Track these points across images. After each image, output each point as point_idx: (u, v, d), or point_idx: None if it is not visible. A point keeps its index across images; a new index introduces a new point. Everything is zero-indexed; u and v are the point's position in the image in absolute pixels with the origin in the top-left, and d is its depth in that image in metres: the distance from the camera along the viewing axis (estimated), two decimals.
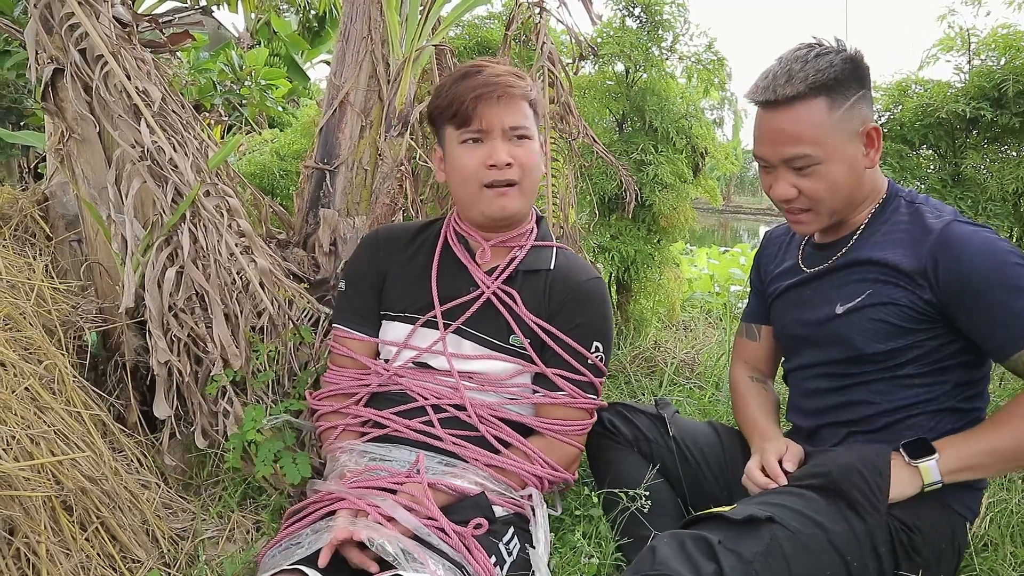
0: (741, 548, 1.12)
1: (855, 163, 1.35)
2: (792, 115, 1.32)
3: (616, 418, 1.62)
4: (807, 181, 1.35)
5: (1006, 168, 2.54)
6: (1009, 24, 2.59)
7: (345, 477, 1.41)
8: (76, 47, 1.74)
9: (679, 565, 1.08)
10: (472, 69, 1.47)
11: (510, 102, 1.43)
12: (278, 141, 3.66)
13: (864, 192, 1.40)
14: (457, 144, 1.46)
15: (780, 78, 1.33)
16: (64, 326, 1.76)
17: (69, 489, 1.33)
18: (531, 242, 1.54)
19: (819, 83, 1.30)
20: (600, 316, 1.53)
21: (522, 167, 1.46)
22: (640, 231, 2.89)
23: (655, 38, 2.96)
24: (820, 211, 1.39)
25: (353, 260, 1.66)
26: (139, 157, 1.73)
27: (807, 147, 1.32)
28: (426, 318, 1.52)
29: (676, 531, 1.18)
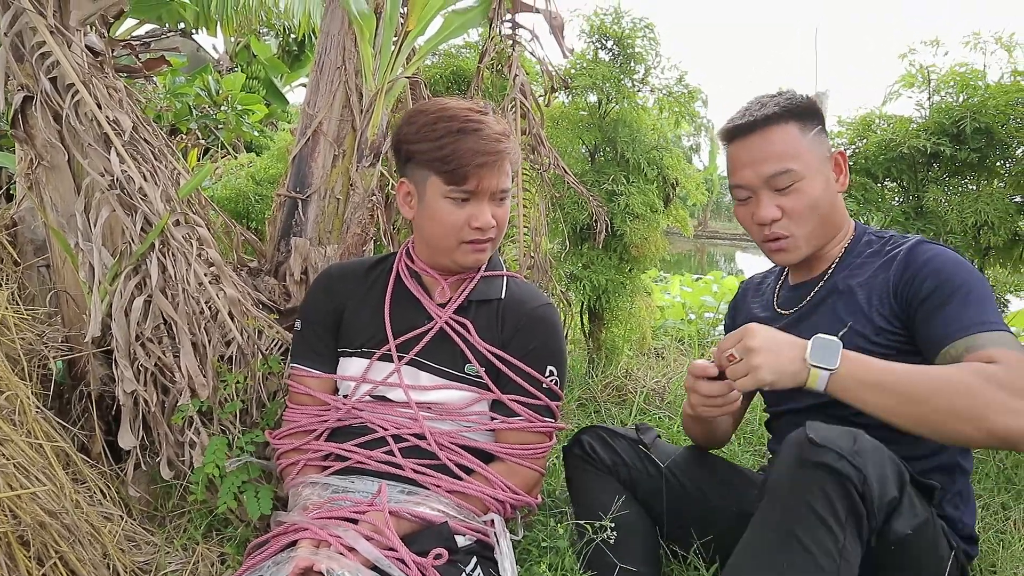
0: None
1: (830, 185, 1.43)
2: (769, 136, 1.42)
3: (596, 442, 1.62)
4: (789, 199, 1.41)
5: (966, 201, 2.61)
6: (966, 63, 2.69)
7: (308, 509, 1.41)
8: (47, 75, 1.74)
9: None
10: (468, 125, 1.42)
11: (503, 167, 1.45)
12: (254, 165, 3.66)
13: (837, 220, 1.45)
14: (441, 197, 1.45)
15: (753, 106, 1.45)
16: (28, 355, 1.74)
17: (26, 523, 1.31)
18: (481, 272, 1.57)
19: (790, 108, 1.42)
20: (552, 340, 1.56)
21: (500, 226, 1.49)
22: (611, 260, 2.92)
23: (627, 70, 3.01)
24: (800, 234, 1.42)
25: (308, 299, 1.67)
26: (108, 186, 1.73)
27: (789, 161, 1.40)
28: (382, 352, 1.53)
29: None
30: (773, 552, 1.10)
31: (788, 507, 1.11)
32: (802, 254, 1.44)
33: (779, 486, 1.14)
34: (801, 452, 1.12)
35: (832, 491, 1.08)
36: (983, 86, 2.62)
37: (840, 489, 1.08)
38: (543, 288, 2.40)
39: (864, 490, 1.08)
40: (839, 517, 1.08)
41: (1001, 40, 2.67)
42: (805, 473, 1.10)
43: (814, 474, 1.09)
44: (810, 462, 1.10)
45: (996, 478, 1.97)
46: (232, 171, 3.79)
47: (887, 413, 1.13)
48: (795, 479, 1.11)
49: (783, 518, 1.11)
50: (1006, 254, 2.76)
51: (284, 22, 7.59)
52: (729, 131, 1.47)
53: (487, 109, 1.51)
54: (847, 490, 1.08)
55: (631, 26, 2.95)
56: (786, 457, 1.14)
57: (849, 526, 1.08)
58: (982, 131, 2.55)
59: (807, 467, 1.10)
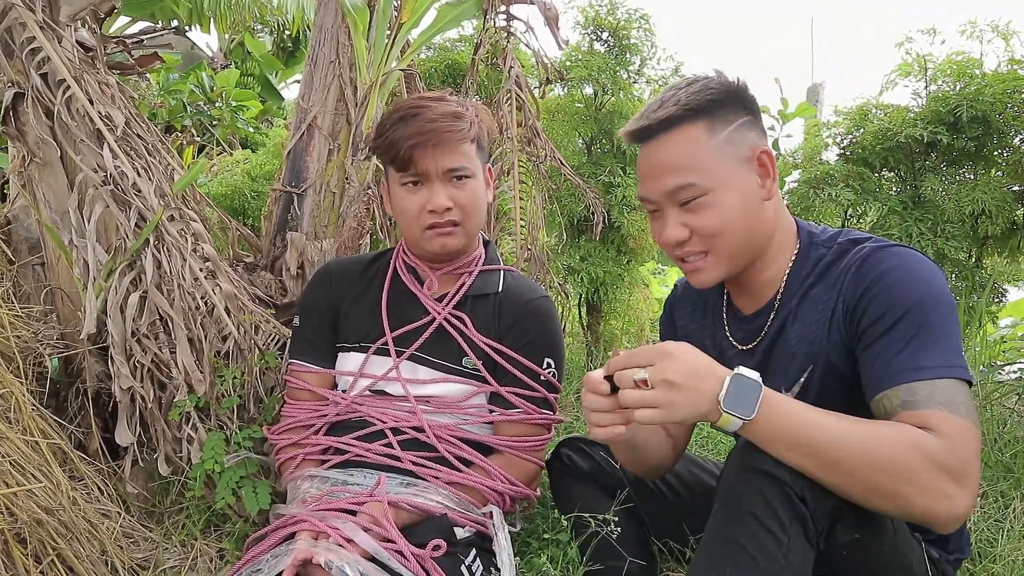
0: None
1: (749, 193, 1.19)
2: (669, 142, 1.20)
3: (574, 453, 1.62)
4: (697, 217, 1.19)
5: (963, 191, 2.61)
6: (962, 52, 2.68)
7: (307, 501, 1.41)
8: (37, 71, 1.73)
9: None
10: (410, 111, 1.45)
11: (448, 147, 1.44)
12: (250, 162, 3.65)
13: (767, 232, 1.23)
14: (398, 185, 1.48)
15: (652, 106, 1.22)
16: (24, 352, 1.73)
17: (23, 521, 1.30)
18: (479, 267, 1.57)
19: (693, 105, 1.19)
20: (549, 333, 1.56)
21: (462, 208, 1.47)
22: (609, 252, 2.92)
23: (623, 62, 3.00)
24: (718, 253, 1.21)
25: (306, 295, 1.67)
26: (102, 182, 1.72)
27: (690, 175, 1.18)
28: (376, 345, 1.54)
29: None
30: (718, 559, 1.08)
31: (731, 514, 1.08)
32: (722, 275, 1.23)
33: (724, 493, 1.11)
34: (742, 458, 1.08)
35: (772, 496, 1.04)
36: (980, 74, 2.61)
37: (780, 494, 1.04)
38: (540, 281, 2.40)
39: (804, 494, 1.04)
40: (782, 521, 1.04)
41: (998, 28, 2.66)
42: (746, 479, 1.07)
43: (755, 480, 1.05)
44: (750, 468, 1.06)
45: (995, 467, 1.97)
46: (227, 168, 3.78)
47: (805, 472, 1.02)
48: (737, 486, 1.09)
49: (727, 525, 1.08)
50: (1003, 243, 2.76)
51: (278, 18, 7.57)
52: (628, 135, 1.25)
53: (445, 96, 1.50)
54: (787, 494, 1.04)
55: (626, 17, 2.94)
56: (730, 464, 1.12)
57: (794, 530, 1.04)
58: (979, 120, 2.54)
59: (748, 473, 1.06)
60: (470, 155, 1.48)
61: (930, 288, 1.09)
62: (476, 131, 1.49)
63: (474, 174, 1.48)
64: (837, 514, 1.08)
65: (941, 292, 1.10)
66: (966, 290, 2.72)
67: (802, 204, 2.78)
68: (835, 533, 1.09)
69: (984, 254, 2.82)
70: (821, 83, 4.63)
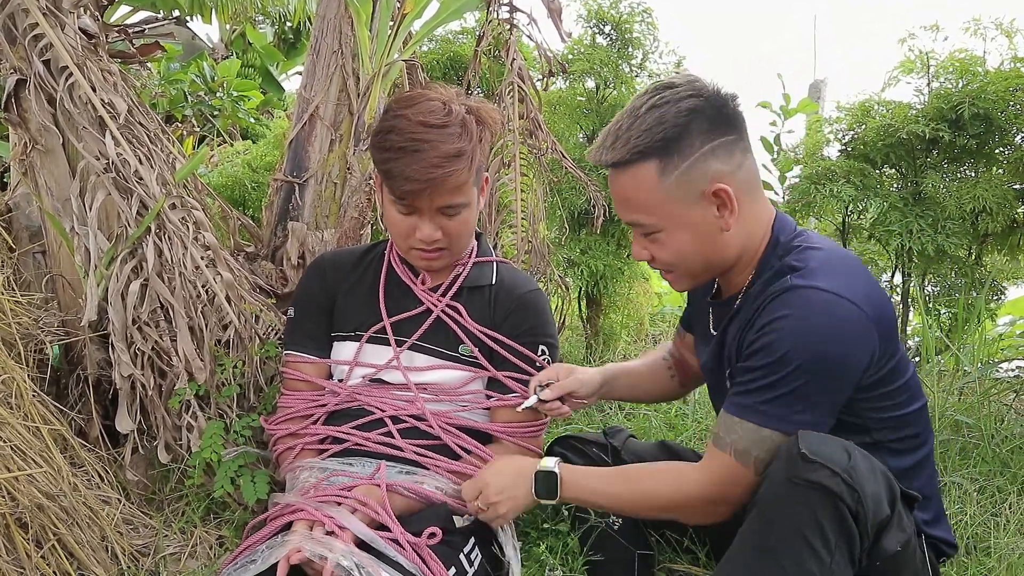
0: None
1: (704, 228, 1.21)
2: (622, 180, 1.22)
3: (569, 451, 1.62)
4: (654, 247, 1.25)
5: (964, 188, 2.61)
6: (965, 49, 2.68)
7: (304, 490, 1.41)
8: (40, 58, 1.72)
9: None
10: (411, 144, 1.37)
11: (445, 189, 1.39)
12: (250, 153, 3.64)
13: (729, 255, 1.25)
14: (390, 202, 1.45)
15: (608, 139, 1.22)
16: (25, 339, 1.73)
17: (25, 506, 1.31)
18: (472, 259, 1.58)
19: (642, 147, 1.17)
20: (543, 323, 1.58)
21: (451, 236, 1.46)
22: (609, 246, 2.92)
23: (625, 55, 3.00)
24: (680, 274, 1.29)
25: (301, 286, 1.68)
26: (104, 169, 1.72)
27: (640, 214, 1.22)
28: (370, 332, 1.55)
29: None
30: (754, 573, 1.08)
31: (774, 527, 1.07)
32: (695, 283, 1.33)
33: (768, 503, 1.09)
34: (792, 468, 1.06)
35: (822, 513, 1.04)
36: (983, 72, 2.62)
37: (832, 511, 1.04)
38: (541, 274, 2.40)
39: (858, 510, 1.04)
40: (828, 541, 1.04)
41: (1001, 26, 2.67)
42: (795, 493, 1.05)
43: (805, 495, 1.04)
44: (801, 480, 1.04)
45: (992, 462, 1.98)
46: (228, 158, 3.77)
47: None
48: (784, 498, 1.07)
49: (768, 538, 1.08)
50: (1003, 240, 2.77)
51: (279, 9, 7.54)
52: (590, 159, 1.28)
53: (449, 119, 1.40)
54: (839, 512, 1.03)
55: (629, 11, 2.94)
56: (776, 472, 1.09)
57: (839, 549, 1.05)
58: (981, 117, 2.55)
59: (798, 486, 1.05)
60: (466, 188, 1.43)
61: (806, 351, 1.12)
62: (477, 160, 1.44)
63: (469, 204, 1.46)
64: (884, 526, 1.08)
65: (815, 358, 1.11)
66: (965, 287, 2.73)
67: (803, 200, 2.78)
68: (879, 547, 1.09)
69: (984, 251, 2.83)
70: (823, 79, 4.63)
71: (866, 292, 1.17)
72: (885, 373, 1.21)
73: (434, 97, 1.44)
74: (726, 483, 1.19)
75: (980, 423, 2.09)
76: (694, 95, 1.18)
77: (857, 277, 1.19)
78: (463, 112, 1.44)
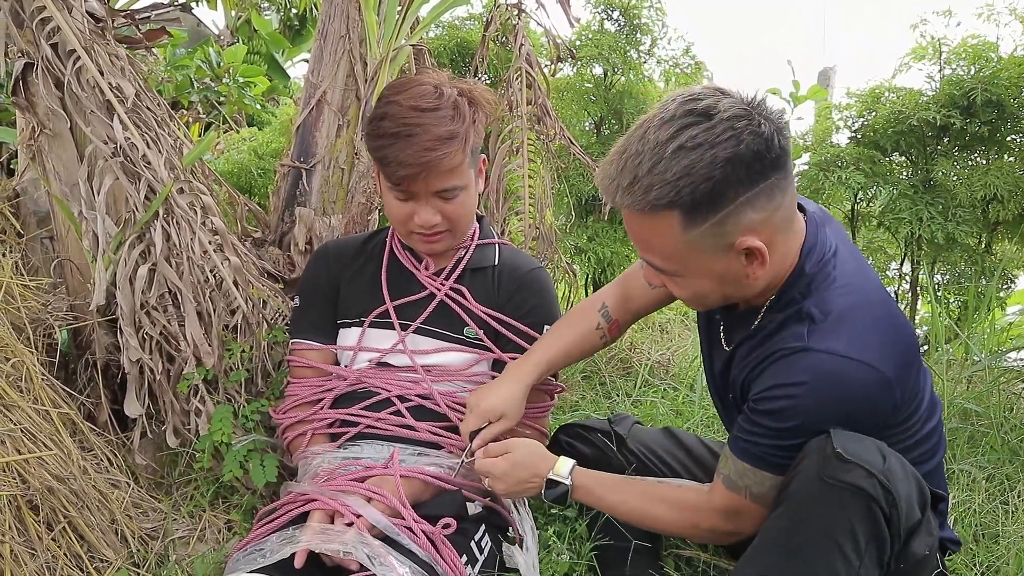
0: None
1: (728, 276, 1.11)
2: (638, 223, 1.08)
3: (574, 439, 1.63)
4: (671, 284, 1.17)
5: (975, 175, 2.59)
6: (978, 35, 2.65)
7: (318, 476, 1.41)
8: (48, 41, 1.72)
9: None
10: (404, 129, 1.37)
11: (440, 171, 1.39)
12: (256, 139, 3.63)
13: (754, 292, 1.16)
14: (387, 189, 1.46)
15: (623, 177, 1.04)
16: (33, 324, 1.74)
17: (35, 488, 1.31)
18: (475, 241, 1.59)
19: (665, 201, 1.01)
20: (547, 302, 1.59)
21: (451, 220, 1.46)
22: (617, 233, 2.91)
23: (633, 41, 2.98)
24: (695, 305, 1.24)
25: (305, 275, 1.69)
26: (112, 153, 1.71)
27: (657, 259, 1.12)
28: (372, 317, 1.55)
29: None
30: (778, 570, 1.07)
31: (803, 527, 1.05)
32: (706, 309, 1.29)
33: (798, 501, 1.06)
34: (825, 467, 1.02)
35: (855, 516, 1.01)
36: (996, 58, 2.59)
37: (866, 513, 1.01)
38: (548, 260, 2.39)
39: (891, 513, 1.01)
40: (858, 544, 1.02)
41: (1015, 11, 2.64)
42: (828, 493, 1.02)
43: (838, 495, 1.01)
44: (835, 480, 1.01)
45: (1000, 450, 1.97)
46: (234, 145, 3.76)
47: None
48: (816, 497, 1.03)
49: (796, 538, 1.06)
50: (1014, 228, 2.75)
51: None
52: (599, 190, 1.14)
53: (441, 102, 1.40)
54: (873, 514, 1.01)
55: None
56: (807, 468, 1.05)
57: (869, 553, 1.02)
58: (993, 104, 2.53)
59: (831, 486, 1.01)
60: (463, 170, 1.43)
61: (822, 421, 1.07)
62: (472, 142, 1.44)
63: (466, 186, 1.45)
64: (914, 530, 1.06)
65: (831, 425, 1.07)
66: (975, 275, 2.71)
67: (811, 187, 2.76)
68: (907, 551, 1.07)
69: (994, 240, 2.80)
70: (832, 67, 4.59)
71: (889, 343, 1.10)
72: (904, 415, 1.17)
73: (425, 81, 1.44)
74: (744, 520, 1.21)
75: (989, 411, 2.09)
76: (733, 138, 0.99)
77: (879, 325, 1.11)
78: (455, 95, 1.43)
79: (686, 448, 1.60)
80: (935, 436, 1.25)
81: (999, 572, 1.49)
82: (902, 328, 1.16)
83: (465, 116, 1.42)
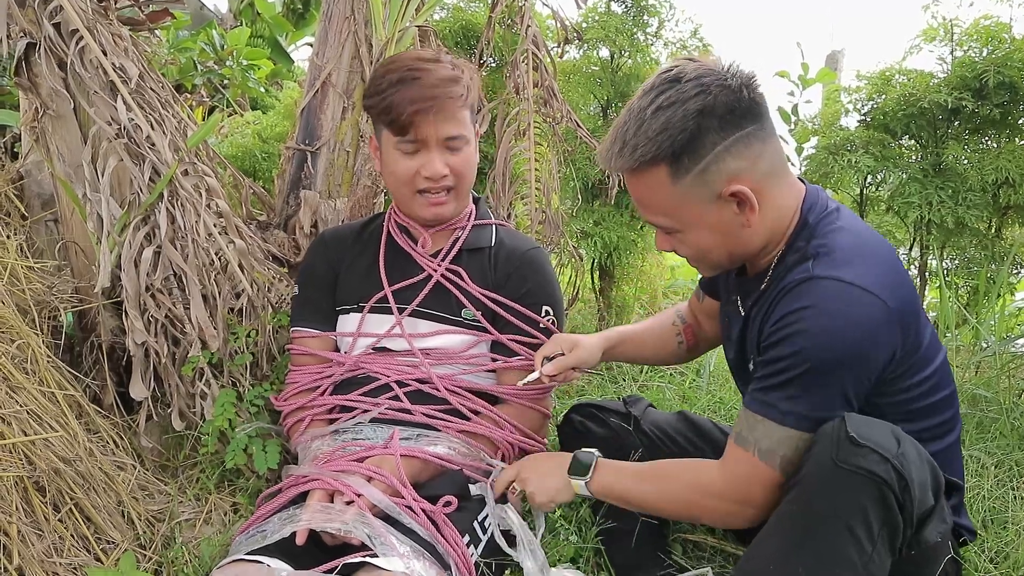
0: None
1: (724, 226, 1.18)
2: (635, 184, 1.19)
3: (588, 419, 1.63)
4: (676, 244, 1.24)
5: (986, 159, 2.56)
6: (991, 15, 2.61)
7: (318, 458, 1.41)
8: (50, 21, 1.70)
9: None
10: (408, 74, 1.42)
11: (447, 114, 1.42)
12: (260, 123, 3.61)
13: (756, 244, 1.21)
14: (392, 148, 1.47)
15: (615, 144, 1.16)
16: (39, 306, 1.73)
17: (42, 470, 1.31)
18: (471, 222, 1.58)
19: (650, 156, 1.12)
20: (545, 282, 1.58)
21: (457, 174, 1.48)
22: (623, 217, 2.89)
23: (640, 23, 2.94)
24: (705, 266, 1.29)
25: (304, 263, 1.69)
26: (115, 135, 1.70)
27: (657, 216, 1.20)
28: (371, 303, 1.55)
29: None
30: (791, 555, 1.05)
31: (815, 512, 1.04)
32: (719, 272, 1.32)
33: (810, 485, 1.05)
34: (838, 451, 1.02)
35: (868, 501, 1.01)
36: (1009, 39, 2.55)
37: (879, 498, 1.00)
38: (554, 245, 2.38)
39: (904, 499, 1.01)
40: (871, 529, 1.01)
41: None
42: (841, 477, 1.02)
43: (851, 480, 1.01)
44: (848, 465, 1.01)
45: (1010, 436, 1.96)
46: (237, 129, 3.74)
47: (630, 509, 1.33)
48: (829, 482, 1.03)
49: (808, 522, 1.05)
50: None
51: None
52: (599, 164, 1.28)
53: (440, 56, 1.48)
54: (886, 499, 1.00)
55: None
56: (821, 452, 1.05)
57: (882, 538, 1.02)
58: (1006, 86, 2.49)
59: (844, 471, 1.01)
60: (466, 121, 1.47)
61: (826, 348, 1.08)
62: (474, 94, 1.49)
63: (469, 140, 1.48)
64: (927, 516, 1.06)
65: (835, 355, 1.08)
66: (985, 260, 2.69)
67: (820, 170, 2.74)
68: (920, 537, 1.06)
69: (1005, 224, 2.78)
70: (841, 50, 4.53)
71: (891, 282, 1.12)
72: (908, 366, 1.16)
73: (420, 50, 1.49)
74: (752, 483, 1.15)
75: (998, 397, 2.07)
76: (702, 92, 1.10)
77: (883, 265, 1.14)
78: (451, 58, 1.51)
79: (700, 431, 1.59)
80: (946, 411, 1.23)
81: (1008, 558, 1.48)
82: (905, 276, 1.19)
83: (464, 71, 1.48)
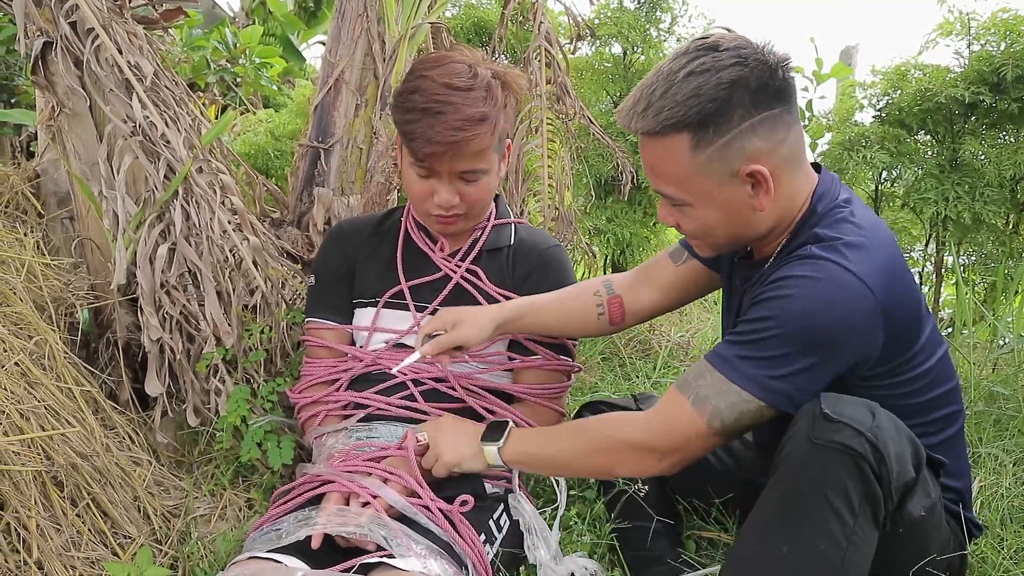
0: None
1: (734, 206, 1.15)
2: (652, 149, 1.15)
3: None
4: (681, 217, 1.19)
5: (1004, 154, 2.53)
6: (1009, 8, 2.58)
7: (333, 458, 1.41)
8: (66, 20, 1.71)
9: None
10: (434, 105, 1.34)
11: (466, 152, 1.36)
12: (273, 121, 3.62)
13: (762, 229, 1.19)
14: (409, 165, 1.43)
15: (639, 104, 1.12)
16: (55, 303, 1.75)
17: (60, 464, 1.32)
18: (492, 222, 1.57)
19: (676, 120, 1.08)
20: (565, 280, 1.56)
21: (469, 203, 1.44)
22: (636, 214, 2.88)
23: (653, 19, 2.93)
24: (705, 244, 1.25)
25: (320, 254, 1.67)
26: (131, 132, 1.71)
27: (668, 186, 1.16)
28: (386, 298, 1.54)
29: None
30: (776, 535, 1.05)
31: (795, 489, 1.04)
32: (717, 254, 1.29)
33: (789, 465, 1.05)
34: (813, 428, 1.03)
35: (846, 474, 1.00)
36: None
37: (855, 471, 1.00)
38: (568, 241, 2.38)
39: (881, 471, 1.01)
40: (851, 502, 1.01)
41: None
42: (817, 454, 1.02)
43: (826, 455, 1.01)
44: (823, 440, 1.01)
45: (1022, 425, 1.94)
46: (250, 127, 3.75)
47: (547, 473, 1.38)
48: (805, 459, 1.03)
49: (789, 501, 1.05)
50: None
51: None
52: (618, 122, 1.21)
53: (475, 81, 1.37)
54: (863, 472, 1.00)
55: None
56: (798, 432, 1.05)
57: (863, 512, 1.02)
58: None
59: (819, 447, 1.02)
60: (487, 155, 1.41)
61: (803, 319, 1.06)
62: (500, 126, 1.41)
63: (489, 171, 1.43)
64: (908, 489, 1.05)
65: (808, 330, 1.06)
66: (1003, 256, 2.66)
67: (835, 166, 2.72)
68: (903, 511, 1.05)
69: (1022, 220, 2.75)
70: (855, 45, 4.49)
71: (889, 279, 1.10)
72: (897, 364, 1.15)
73: (460, 59, 1.41)
74: (675, 428, 1.14)
75: (1016, 394, 2.05)
76: (738, 63, 1.07)
77: (885, 262, 1.11)
78: (489, 76, 1.40)
79: None
80: (946, 406, 1.22)
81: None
82: (907, 277, 1.17)
83: (497, 99, 1.39)
